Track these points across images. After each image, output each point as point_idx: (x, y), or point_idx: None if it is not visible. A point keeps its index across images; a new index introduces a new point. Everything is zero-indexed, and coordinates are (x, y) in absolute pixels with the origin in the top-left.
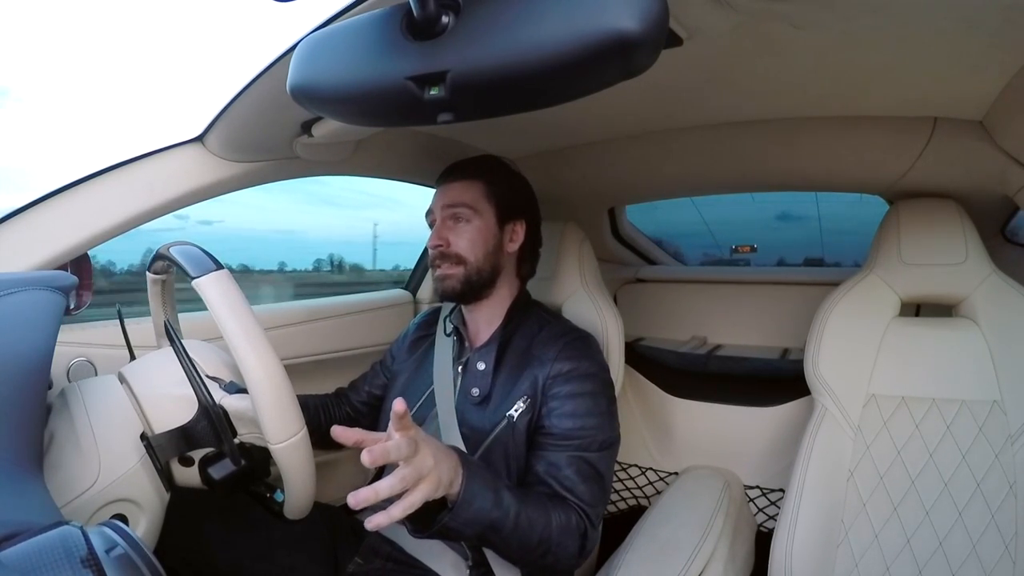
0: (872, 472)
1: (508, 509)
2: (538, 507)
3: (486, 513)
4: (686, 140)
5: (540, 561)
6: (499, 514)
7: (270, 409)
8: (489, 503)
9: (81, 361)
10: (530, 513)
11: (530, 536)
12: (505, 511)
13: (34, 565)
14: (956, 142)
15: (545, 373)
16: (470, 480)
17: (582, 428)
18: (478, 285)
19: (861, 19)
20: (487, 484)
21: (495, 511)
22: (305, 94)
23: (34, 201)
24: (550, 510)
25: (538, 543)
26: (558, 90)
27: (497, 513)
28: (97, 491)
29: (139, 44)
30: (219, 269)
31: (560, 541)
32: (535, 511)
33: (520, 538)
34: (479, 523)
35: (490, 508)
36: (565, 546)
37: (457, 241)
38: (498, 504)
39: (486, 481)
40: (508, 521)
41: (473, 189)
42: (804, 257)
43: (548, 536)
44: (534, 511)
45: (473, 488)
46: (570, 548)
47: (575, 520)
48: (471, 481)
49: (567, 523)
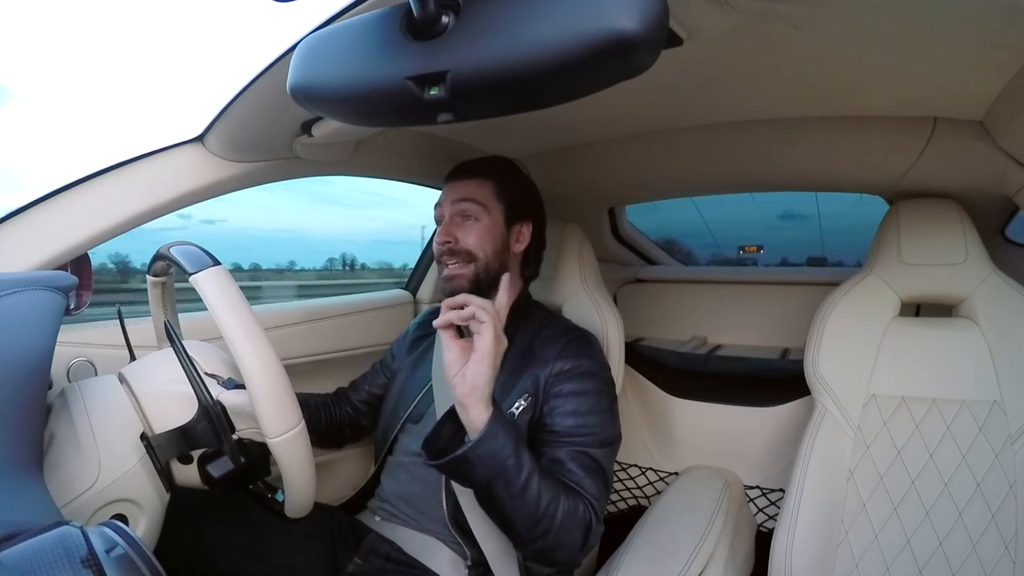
0: (872, 472)
1: (523, 466)
2: (551, 482)
3: (503, 458)
4: (686, 140)
5: (539, 541)
6: (514, 464)
7: (267, 402)
8: (510, 448)
9: (81, 361)
10: (542, 483)
11: (536, 506)
12: (520, 465)
13: (34, 565)
14: (956, 142)
15: (547, 371)
16: (495, 421)
17: (584, 426)
18: (485, 284)
19: (861, 19)
20: (511, 434)
21: (511, 459)
22: (305, 94)
23: (34, 201)
24: (561, 492)
25: (541, 517)
26: (558, 90)
27: (513, 462)
28: (97, 491)
29: (140, 44)
30: (216, 265)
31: (564, 525)
32: (547, 485)
33: (526, 503)
34: (494, 465)
35: (508, 454)
36: (568, 532)
37: (466, 238)
38: (517, 455)
39: (510, 432)
40: (520, 477)
41: (484, 187)
42: (807, 257)
43: (553, 514)
44: (546, 484)
45: (497, 428)
46: (573, 537)
47: (582, 509)
48: (496, 422)
49: (574, 509)
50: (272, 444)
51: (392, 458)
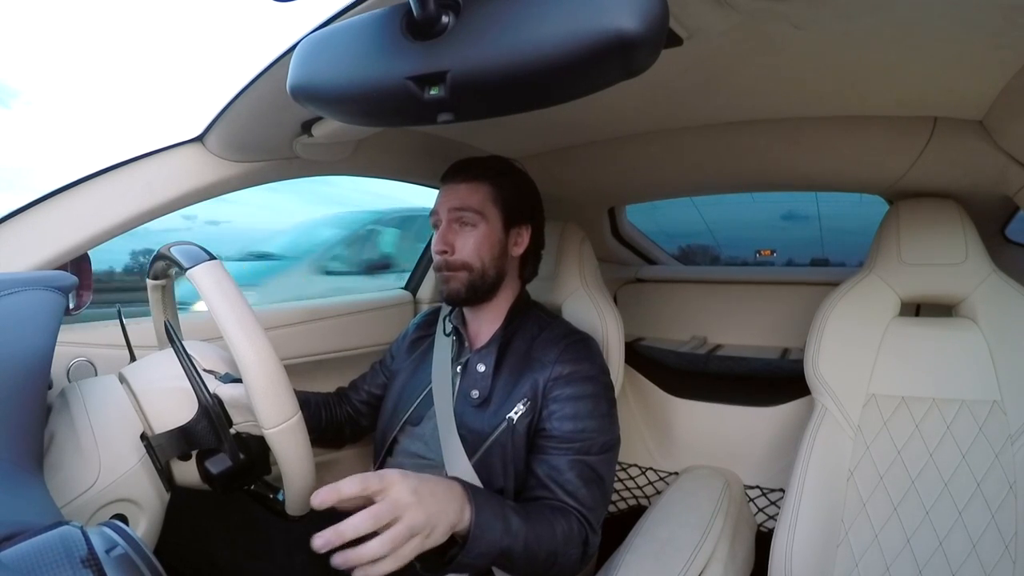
0: (872, 472)
1: (518, 534)
2: (543, 522)
3: (497, 543)
4: (686, 140)
5: (547, 572)
6: (510, 540)
7: (263, 393)
8: (499, 532)
9: (81, 361)
10: (538, 531)
11: (539, 553)
12: (515, 536)
13: (34, 565)
14: (956, 142)
15: (546, 376)
16: (479, 512)
17: (583, 431)
18: (483, 290)
19: (861, 19)
20: (496, 513)
21: (506, 538)
22: (305, 94)
23: (34, 201)
24: (554, 523)
25: (546, 557)
26: (558, 90)
27: (508, 540)
28: (97, 491)
29: (140, 44)
30: (212, 259)
31: (565, 551)
32: (541, 527)
33: (530, 558)
34: (491, 554)
35: (501, 537)
36: (569, 555)
37: (463, 247)
38: (507, 531)
39: (494, 510)
40: (519, 545)
41: (480, 192)
42: (811, 258)
43: (555, 549)
44: (541, 527)
45: (483, 520)
46: (573, 556)
47: (576, 528)
48: (480, 513)
49: (570, 532)
50: (269, 435)
51: (391, 459)
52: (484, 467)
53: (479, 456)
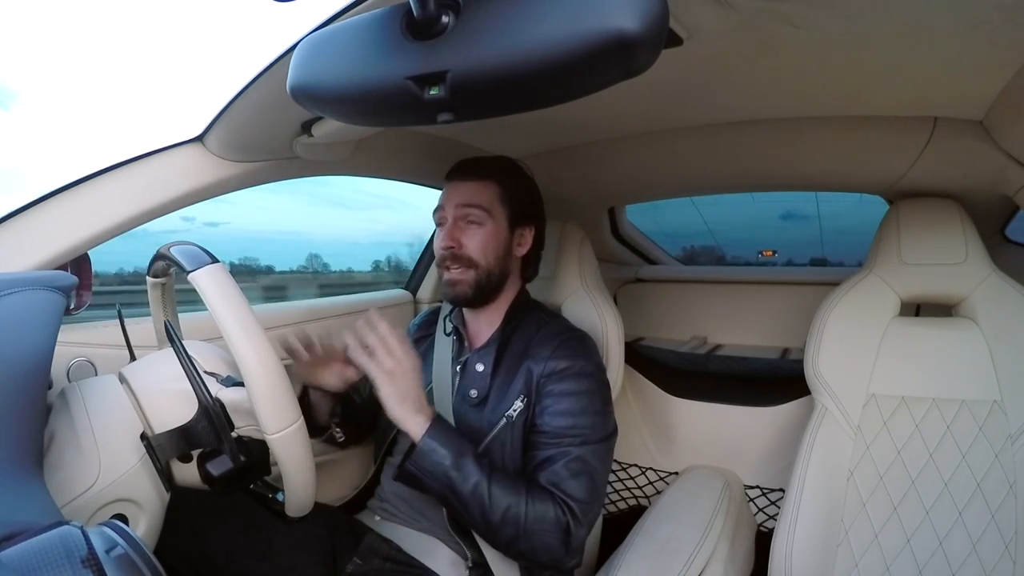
0: (872, 472)
1: (468, 475)
2: (509, 487)
3: (444, 469)
4: (686, 140)
5: (514, 545)
6: (457, 475)
7: (265, 399)
8: (448, 461)
9: (81, 361)
10: (495, 488)
11: (492, 510)
12: (465, 475)
13: (34, 565)
14: (956, 142)
15: (539, 371)
16: (430, 434)
17: (574, 427)
18: (488, 290)
19: (861, 19)
20: (449, 444)
21: (453, 471)
22: (305, 94)
23: (34, 201)
24: (525, 495)
25: (501, 523)
26: (558, 90)
27: (456, 474)
28: (97, 491)
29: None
30: (214, 263)
31: (535, 529)
32: (503, 489)
33: (481, 509)
34: (437, 478)
35: (448, 466)
36: (540, 537)
37: (469, 243)
38: (457, 466)
39: (449, 441)
40: (466, 486)
41: (488, 191)
42: (810, 258)
43: (516, 519)
44: (502, 489)
45: (432, 442)
46: (549, 540)
47: (555, 512)
48: (431, 435)
49: (543, 513)
50: (270, 441)
51: (392, 459)
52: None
53: None
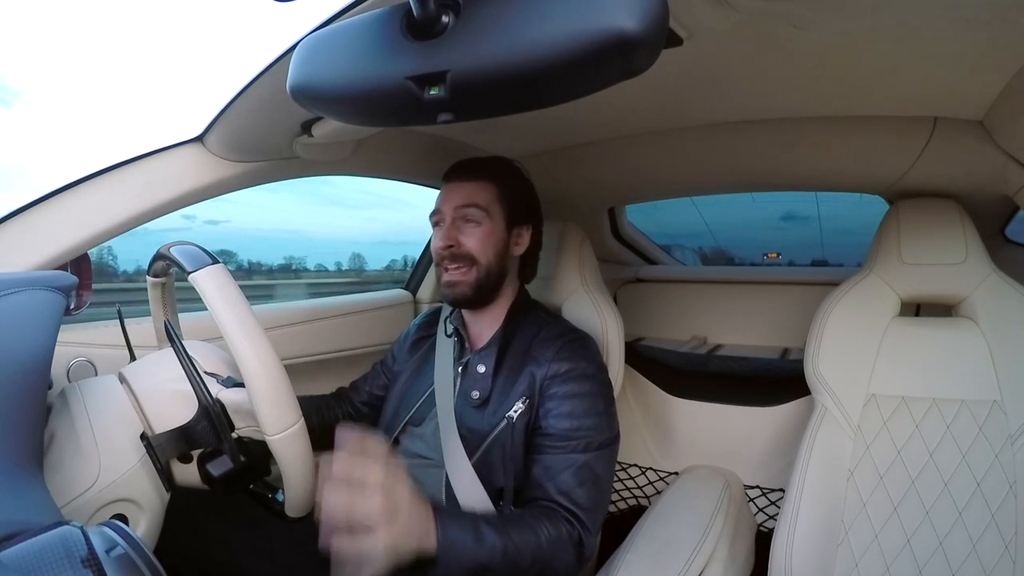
0: (872, 472)
1: (494, 547)
2: (523, 530)
3: (471, 558)
4: (686, 140)
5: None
6: (486, 555)
7: (266, 400)
8: (471, 547)
9: (81, 361)
10: (516, 540)
11: (521, 562)
12: (490, 548)
13: (34, 565)
14: (956, 142)
15: (543, 373)
16: (445, 526)
17: (579, 429)
18: (488, 289)
19: (861, 19)
20: (464, 525)
21: (481, 553)
22: (305, 94)
23: (34, 201)
24: (537, 528)
25: (531, 564)
26: (558, 90)
27: (483, 552)
28: (97, 491)
29: (141, 44)
30: (215, 263)
31: (554, 555)
32: (521, 535)
33: (512, 567)
34: (466, 567)
35: (474, 552)
36: (560, 558)
37: (467, 241)
38: (481, 545)
39: (462, 523)
40: (496, 555)
41: (485, 191)
42: (811, 259)
43: (540, 554)
44: (520, 536)
45: (451, 533)
46: (566, 559)
47: (566, 530)
48: (446, 526)
49: (557, 536)
50: (271, 442)
51: None
52: (484, 466)
53: (479, 455)
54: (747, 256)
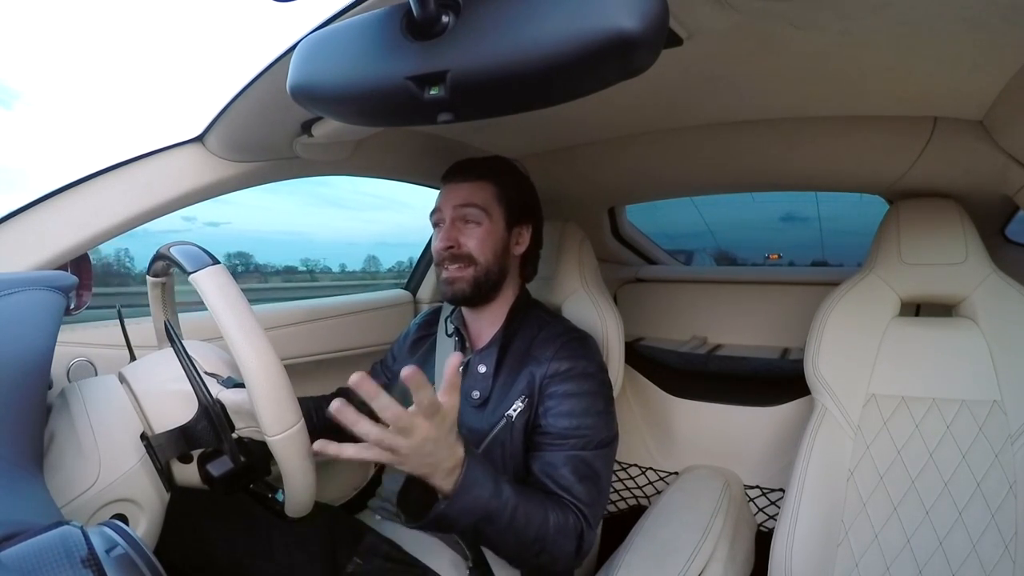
0: (872, 472)
1: (507, 501)
2: (536, 504)
3: (484, 502)
4: (686, 140)
5: (535, 560)
6: (497, 504)
7: (266, 401)
8: (488, 492)
9: (81, 361)
10: (528, 508)
11: (526, 532)
12: (504, 502)
13: (34, 565)
14: (956, 142)
15: (542, 372)
16: (471, 468)
17: (578, 427)
18: (486, 288)
19: (861, 19)
20: (487, 473)
21: (493, 501)
22: (305, 94)
23: (34, 201)
24: (548, 508)
25: (534, 540)
26: (558, 90)
27: (496, 503)
28: (97, 491)
29: (141, 44)
30: (215, 264)
31: (556, 540)
32: (533, 507)
33: (516, 533)
34: (476, 512)
35: (488, 497)
36: (561, 546)
37: (467, 242)
38: (497, 494)
39: (487, 470)
40: (505, 512)
41: (485, 191)
42: (811, 260)
43: (544, 534)
44: (532, 507)
45: (474, 475)
46: (566, 548)
47: (572, 520)
48: (472, 469)
49: (564, 523)
50: (271, 442)
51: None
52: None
53: None
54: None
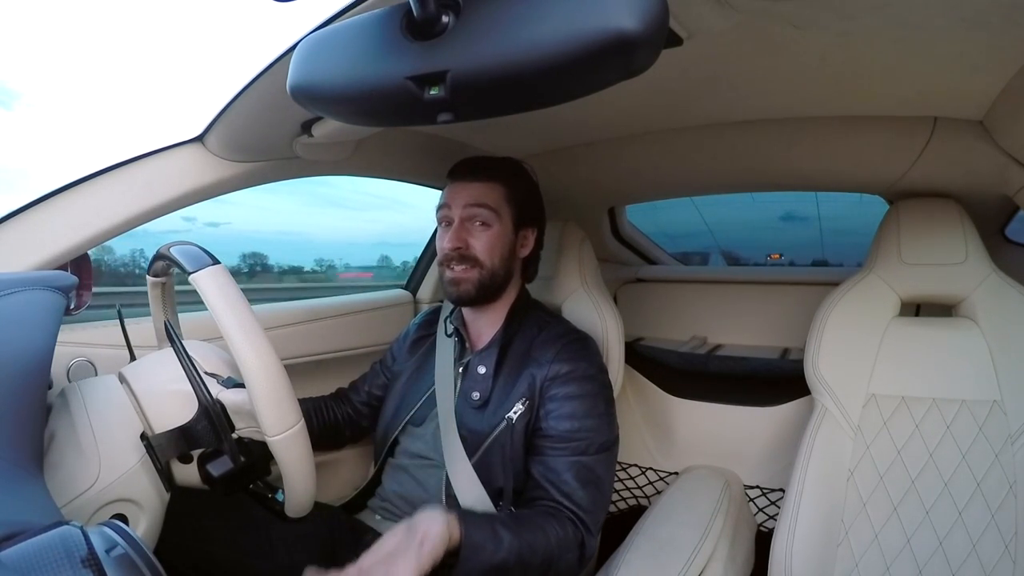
0: (872, 472)
1: (510, 548)
2: (535, 530)
3: (489, 558)
4: (686, 140)
5: None
6: (503, 555)
7: (266, 401)
8: (490, 549)
9: (81, 361)
10: (530, 540)
11: (533, 561)
12: (508, 550)
13: (34, 565)
14: (956, 142)
15: (543, 374)
16: (468, 531)
17: (579, 430)
18: (491, 290)
19: (861, 19)
20: (484, 529)
21: (498, 553)
22: (305, 94)
23: (34, 201)
24: (547, 528)
25: (541, 563)
26: (558, 90)
27: (501, 555)
28: (97, 491)
29: (141, 44)
30: (215, 264)
31: (560, 555)
32: (534, 535)
33: (525, 567)
34: (484, 568)
35: (492, 552)
36: (565, 559)
37: (476, 244)
38: (498, 546)
39: (482, 527)
40: (512, 557)
41: (495, 192)
42: (812, 260)
43: (550, 554)
44: (533, 535)
45: (473, 538)
46: (570, 559)
47: (571, 531)
48: (470, 532)
49: (565, 536)
50: (272, 443)
51: (393, 459)
52: (484, 467)
53: (479, 456)
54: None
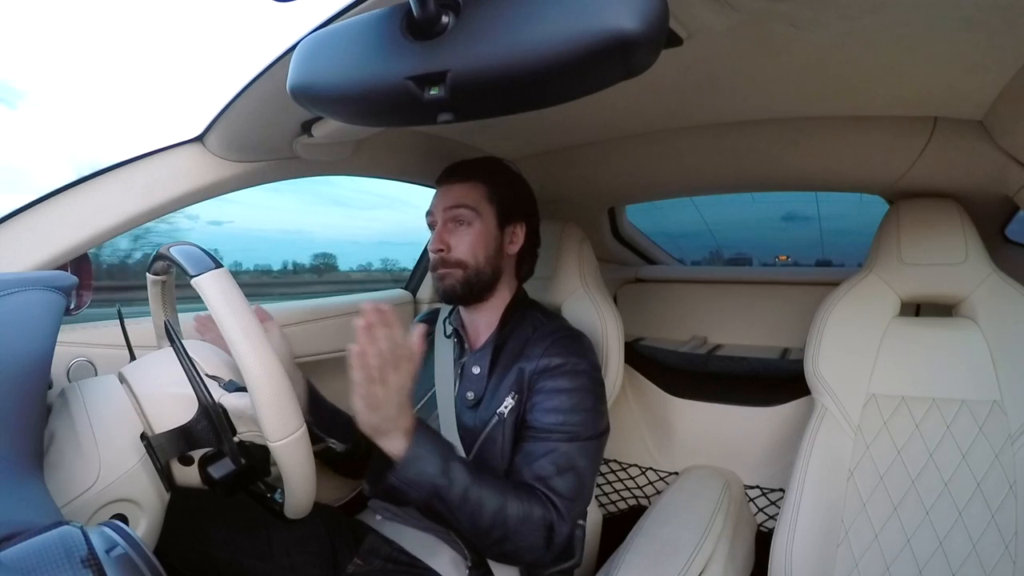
0: (872, 472)
1: (454, 481)
2: (495, 490)
3: (429, 478)
4: (686, 140)
5: (498, 548)
6: (445, 482)
7: (269, 406)
8: (435, 469)
9: (81, 361)
10: (482, 492)
11: (480, 515)
12: (451, 481)
13: (34, 565)
14: (956, 142)
15: (531, 367)
16: (417, 444)
17: (563, 423)
18: (478, 288)
19: (861, 19)
20: (437, 452)
21: (441, 479)
22: (305, 94)
23: (34, 201)
24: (509, 496)
25: (490, 525)
26: (558, 90)
27: (443, 481)
28: (97, 491)
29: (143, 44)
30: (218, 267)
31: (519, 530)
32: (489, 492)
33: (469, 514)
34: (423, 487)
35: (435, 474)
36: (525, 536)
37: (458, 245)
38: (445, 472)
39: (436, 449)
40: (454, 492)
41: (475, 191)
42: (815, 260)
43: (503, 520)
44: (488, 492)
45: (419, 451)
46: (531, 540)
47: (539, 512)
48: (418, 445)
49: (528, 513)
50: (273, 448)
51: None
52: (480, 462)
53: (475, 452)
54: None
